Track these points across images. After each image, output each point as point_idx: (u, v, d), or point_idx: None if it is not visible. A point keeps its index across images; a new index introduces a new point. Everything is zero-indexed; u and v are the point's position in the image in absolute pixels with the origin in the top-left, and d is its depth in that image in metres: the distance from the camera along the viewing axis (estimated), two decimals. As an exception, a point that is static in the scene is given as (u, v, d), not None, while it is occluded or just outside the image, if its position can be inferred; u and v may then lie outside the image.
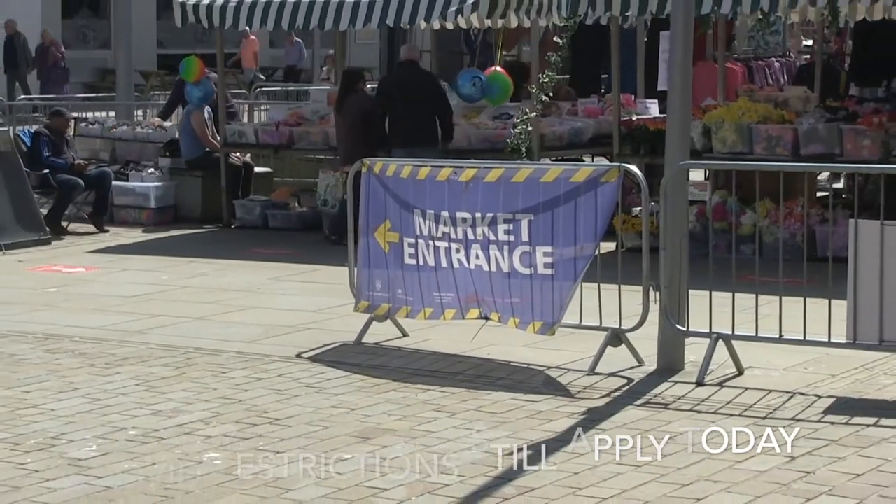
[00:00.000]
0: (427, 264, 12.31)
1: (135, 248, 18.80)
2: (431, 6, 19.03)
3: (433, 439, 9.74)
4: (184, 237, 19.74)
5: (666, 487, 8.57)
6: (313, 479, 8.94)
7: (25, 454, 9.42)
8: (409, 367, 11.86)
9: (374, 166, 13.05)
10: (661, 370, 11.45)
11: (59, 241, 19.05)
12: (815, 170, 15.41)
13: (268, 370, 11.86)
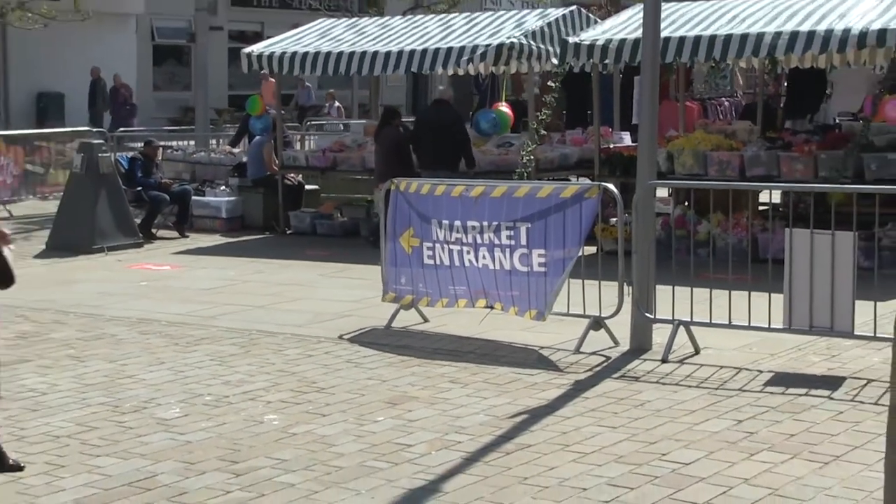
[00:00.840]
0: (443, 263, 12.31)
1: (209, 251, 18.79)
2: (448, 56, 19.02)
3: (448, 405, 9.74)
4: (248, 242, 19.72)
5: (637, 445, 8.62)
6: (352, 436, 8.93)
7: (123, 415, 9.50)
8: (429, 347, 11.85)
9: (400, 185, 13.05)
10: (633, 350, 11.46)
11: (149, 245, 19.06)
12: (757, 188, 15.37)
13: (315, 349, 11.85)
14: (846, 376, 10.44)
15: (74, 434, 9.01)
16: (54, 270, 16.82)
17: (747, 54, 17.05)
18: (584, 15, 20.45)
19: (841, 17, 15.94)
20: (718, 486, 7.70)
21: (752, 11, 17.25)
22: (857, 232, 10.96)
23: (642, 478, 7.88)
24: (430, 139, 18.51)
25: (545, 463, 8.22)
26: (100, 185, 18.80)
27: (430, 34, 20.12)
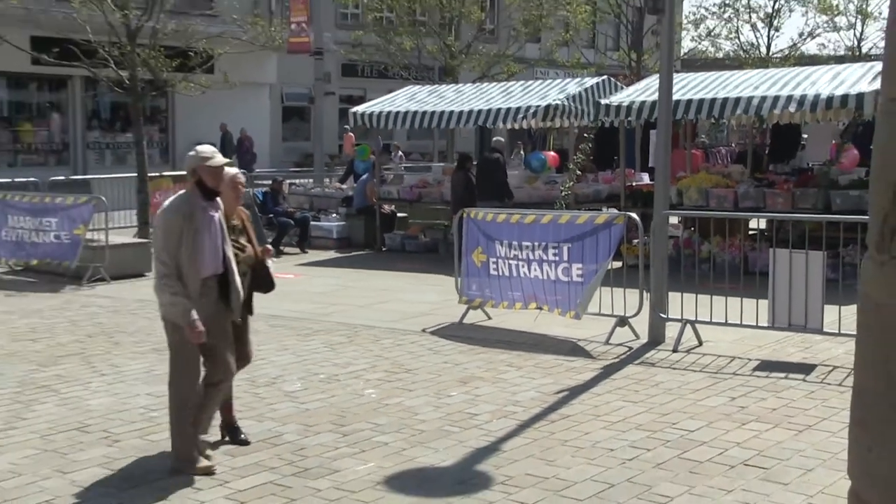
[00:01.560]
0: (504, 274, 12.30)
1: (323, 263, 18.85)
2: (507, 114, 19.00)
3: (506, 384, 9.73)
4: (353, 257, 19.76)
5: (652, 416, 8.61)
6: (432, 406, 8.95)
7: (258, 388, 9.59)
8: (491, 339, 11.81)
9: (471, 213, 13.07)
10: (650, 342, 11.38)
11: (277, 259, 19.11)
12: (747, 217, 15.21)
13: (404, 339, 11.86)
14: (817, 364, 10.36)
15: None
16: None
17: (739, 113, 17.02)
18: (613, 82, 20.40)
19: (812, 84, 15.95)
20: (716, 449, 7.72)
21: (743, 80, 17.28)
22: (825, 251, 10.98)
23: (657, 441, 7.91)
24: (485, 178, 18.56)
25: (581, 429, 8.24)
26: (241, 213, 18.94)
27: (493, 97, 20.16)
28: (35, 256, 16.89)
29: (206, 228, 6.79)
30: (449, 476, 7.22)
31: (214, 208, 6.91)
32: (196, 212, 6.74)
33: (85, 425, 8.43)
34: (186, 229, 6.64)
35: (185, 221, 6.65)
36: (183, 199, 6.86)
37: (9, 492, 6.93)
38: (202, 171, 6.83)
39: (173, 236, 6.65)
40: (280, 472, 7.25)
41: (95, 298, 14.85)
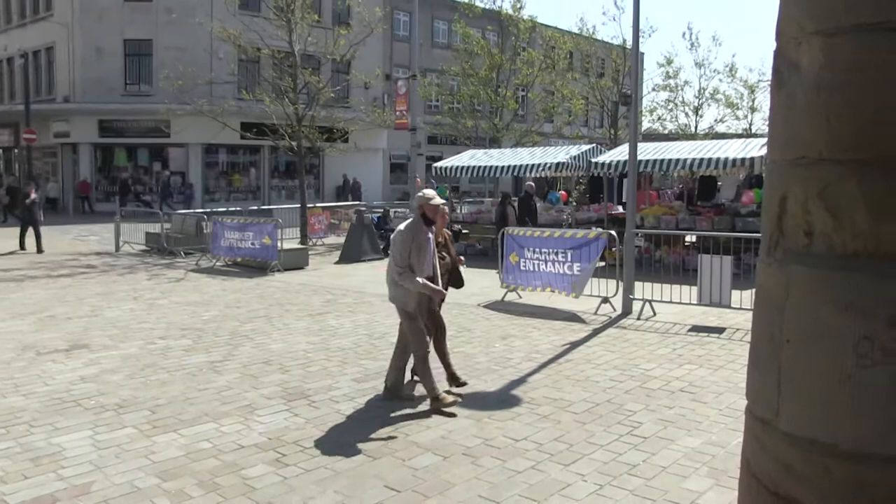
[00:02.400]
0: (529, 269, 12.19)
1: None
2: (533, 168, 18.97)
3: (531, 339, 9.64)
4: (436, 257, 19.72)
5: (624, 360, 8.50)
6: (482, 354, 8.89)
7: (373, 339, 9.51)
8: (521, 311, 11.72)
9: (508, 230, 12.98)
10: (622, 314, 11.22)
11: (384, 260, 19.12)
12: (684, 234, 15.01)
13: (465, 310, 11.80)
14: (727, 327, 10.18)
15: (349, 349, 9.13)
16: (342, 270, 17.02)
17: (679, 168, 16.94)
18: (599, 148, 20.24)
19: (723, 150, 15.96)
20: (663, 381, 7.62)
21: (680, 147, 17.28)
22: (732, 256, 10.89)
23: (626, 377, 7.81)
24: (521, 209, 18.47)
25: (578, 369, 8.15)
26: (363, 229, 19.04)
27: (524, 157, 20.07)
28: (239, 255, 17.13)
29: (425, 244, 6.89)
30: (493, 397, 7.20)
31: (430, 231, 6.99)
32: (419, 233, 6.84)
33: (268, 361, 8.51)
34: (413, 244, 6.75)
35: (413, 240, 6.78)
36: (412, 225, 6.89)
37: (226, 397, 7.06)
38: (426, 207, 6.92)
39: (406, 248, 6.74)
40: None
41: (274, 282, 15.00)
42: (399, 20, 45.93)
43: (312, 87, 20.92)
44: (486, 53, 32.01)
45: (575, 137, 38.21)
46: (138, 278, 15.44)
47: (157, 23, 35.02)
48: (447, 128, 35.53)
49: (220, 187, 37.19)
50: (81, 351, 8.98)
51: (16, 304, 12.34)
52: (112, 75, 35.48)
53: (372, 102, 29.56)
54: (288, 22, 20.22)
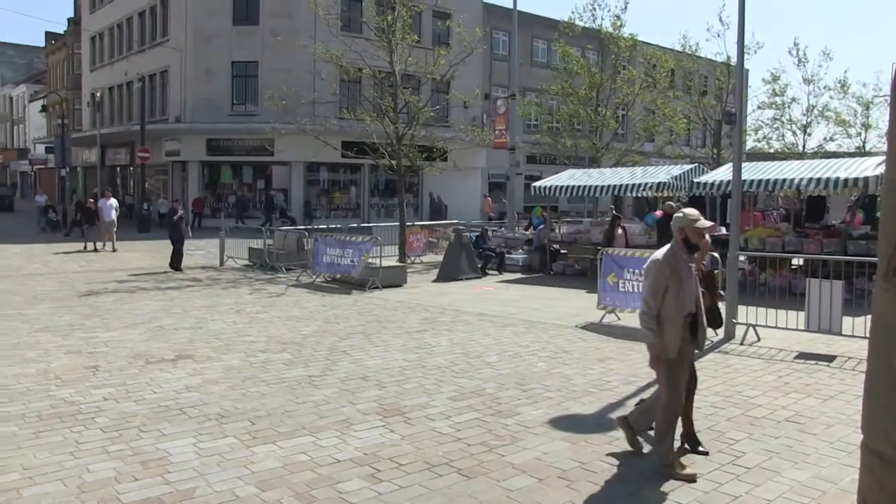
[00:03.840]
0: (628, 290, 12.00)
1: (512, 281, 18.76)
2: (633, 188, 18.70)
3: (630, 363, 9.50)
4: (531, 277, 19.62)
5: (725, 386, 8.29)
6: (581, 376, 8.78)
7: (470, 359, 9.53)
8: (620, 333, 11.52)
9: (607, 251, 12.82)
10: (725, 338, 10.87)
11: (483, 278, 19.17)
12: (791, 257, 14.49)
13: (563, 331, 11.69)
14: (837, 355, 9.75)
15: (445, 367, 9.16)
16: (440, 289, 17.10)
17: (785, 188, 16.47)
18: (701, 168, 19.80)
19: (833, 170, 15.35)
20: (768, 409, 7.36)
21: (787, 167, 16.74)
22: (843, 280, 10.50)
23: (728, 403, 7.58)
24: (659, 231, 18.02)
25: (678, 393, 7.97)
26: (461, 248, 19.13)
27: (624, 177, 19.79)
28: (339, 272, 17.43)
29: (688, 276, 5.72)
30: (590, 420, 7.09)
31: (692, 259, 5.84)
32: (680, 263, 5.72)
33: (365, 376, 8.61)
34: (672, 278, 5.63)
35: (672, 271, 5.66)
36: (670, 253, 5.77)
37: (323, 411, 7.18)
38: (688, 231, 5.77)
39: (661, 283, 5.64)
40: (483, 412, 7.25)
41: (372, 299, 15.20)
42: (498, 40, 46.16)
43: (412, 107, 21.21)
44: (585, 72, 31.78)
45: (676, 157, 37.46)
46: (241, 292, 15.92)
47: (263, 45, 36.26)
48: (546, 147, 35.41)
49: (321, 205, 38.05)
50: (187, 361, 9.31)
51: (128, 314, 12.90)
52: (220, 96, 36.90)
53: (471, 122, 29.78)
54: (389, 43, 20.59)
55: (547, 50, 47.08)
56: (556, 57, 36.81)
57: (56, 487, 5.35)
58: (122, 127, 42.61)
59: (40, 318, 12.50)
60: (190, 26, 37.23)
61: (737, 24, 11.44)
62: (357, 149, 22.28)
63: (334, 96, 30.54)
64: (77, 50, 53.79)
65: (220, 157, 37.03)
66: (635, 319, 12.19)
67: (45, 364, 9.08)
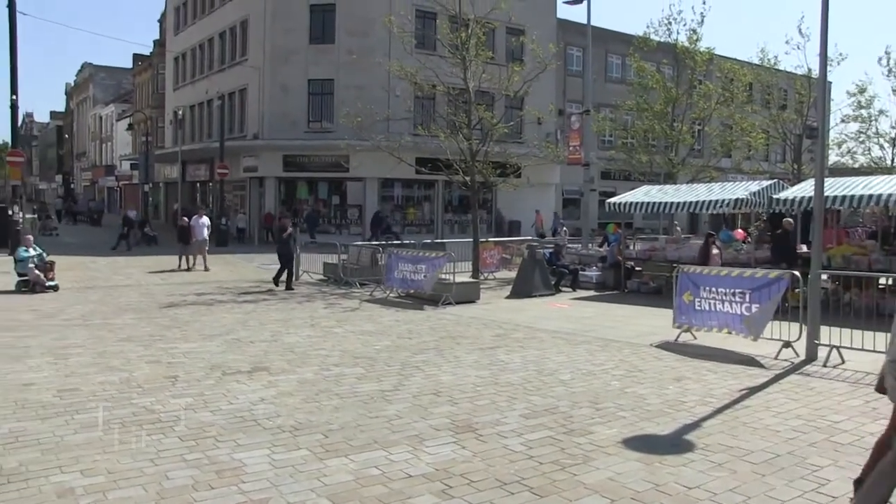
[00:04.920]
0: (704, 309, 11.73)
1: (586, 298, 18.55)
2: (710, 205, 18.35)
3: (706, 383, 9.27)
4: (606, 295, 19.36)
5: (808, 410, 8.01)
6: (655, 396, 8.63)
7: (543, 376, 9.44)
8: (695, 353, 11.27)
9: (682, 269, 12.59)
10: (806, 360, 10.53)
11: (557, 295, 19.01)
12: (877, 276, 13.95)
13: (637, 350, 11.50)
14: (930, 379, 9.37)
15: (518, 384, 9.10)
16: (513, 305, 17.04)
17: (871, 204, 15.88)
18: (781, 184, 19.27)
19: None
20: (854, 435, 7.09)
21: (873, 182, 16.06)
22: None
23: (811, 427, 7.33)
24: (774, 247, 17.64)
25: (757, 416, 7.74)
26: (535, 265, 19.03)
27: (700, 193, 19.44)
28: (412, 288, 17.53)
29: None
30: (665, 441, 6.95)
31: None
32: None
33: (438, 392, 8.62)
34: None
35: None
36: None
37: (396, 425, 7.20)
38: None
39: None
40: (555, 430, 7.18)
41: (445, 315, 15.23)
42: (572, 55, 45.98)
43: (486, 123, 21.27)
44: (661, 87, 31.40)
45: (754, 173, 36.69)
46: (315, 306, 16.15)
47: (339, 63, 36.89)
48: (621, 163, 35.07)
49: (395, 220, 38.41)
50: (262, 373, 9.48)
51: (206, 326, 13.23)
52: (296, 113, 37.67)
53: (545, 138, 29.66)
54: (463, 60, 20.71)
55: (621, 65, 46.72)
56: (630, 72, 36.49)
57: (137, 492, 5.51)
58: (202, 144, 43.86)
59: (124, 328, 12.93)
60: (268, 46, 38.16)
61: (819, 34, 11.15)
62: (431, 165, 22.44)
63: (408, 113, 30.86)
64: (161, 70, 55.68)
65: (296, 172, 37.74)
66: (712, 338, 12.04)
67: (128, 373, 9.37)
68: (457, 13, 21.12)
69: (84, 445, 6.52)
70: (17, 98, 28.59)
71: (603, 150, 40.90)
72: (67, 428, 7.01)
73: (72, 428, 7.00)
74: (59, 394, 8.31)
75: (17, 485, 5.66)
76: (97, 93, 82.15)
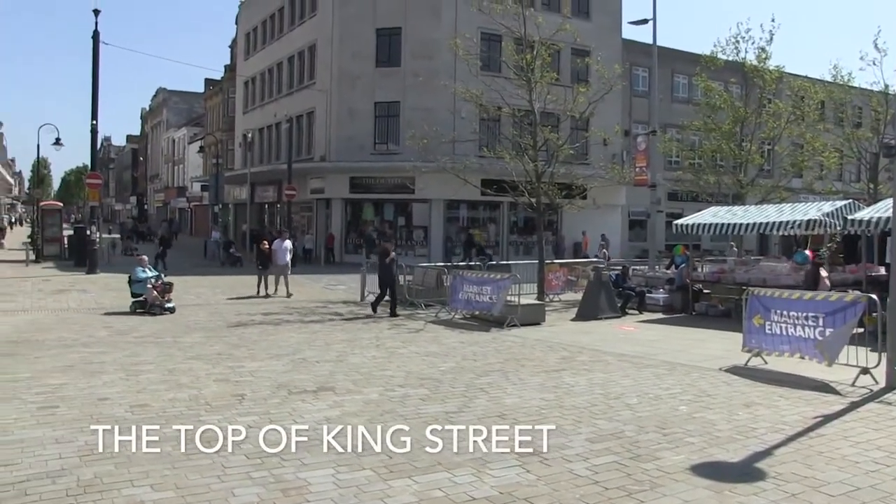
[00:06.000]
0: (776, 333, 11.43)
1: (652, 321, 18.26)
2: (780, 226, 17.93)
3: (777, 409, 9.05)
4: (673, 318, 19.03)
5: (890, 441, 7.78)
6: (725, 422, 8.43)
7: (609, 399, 9.30)
8: (766, 378, 10.97)
9: (752, 291, 12.28)
10: (886, 387, 10.11)
11: (623, 317, 18.74)
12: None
13: (706, 374, 11.27)
14: None
15: (583, 407, 8.99)
16: (579, 327, 16.88)
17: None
18: (856, 204, 18.74)
19: None
20: (937, 466, 6.79)
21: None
22: None
23: (895, 459, 7.04)
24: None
25: (833, 445, 7.48)
26: (601, 287, 18.85)
27: (770, 214, 19.04)
28: (477, 309, 17.51)
29: None
30: (735, 469, 6.78)
31: None
32: None
33: (502, 414, 8.57)
34: None
35: None
36: None
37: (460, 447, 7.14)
38: None
39: None
40: (621, 455, 7.07)
41: (510, 337, 15.16)
42: (638, 76, 45.61)
43: (552, 145, 21.21)
44: (729, 106, 30.84)
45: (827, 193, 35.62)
46: (381, 327, 16.25)
47: (405, 86, 37.28)
48: (688, 184, 34.48)
49: (461, 242, 38.48)
50: (327, 393, 9.56)
51: (273, 345, 13.42)
52: (363, 135, 38.15)
53: (611, 159, 29.44)
54: (528, 81, 20.72)
55: (688, 85, 46.10)
56: (697, 92, 35.97)
57: (205, 510, 5.60)
58: (270, 166, 44.73)
59: (193, 346, 13.21)
60: (335, 69, 38.80)
61: (896, 53, 10.85)
62: (496, 186, 22.45)
63: (474, 135, 30.97)
64: (232, 94, 57.08)
65: (362, 194, 38.17)
66: (783, 363, 11.70)
67: (197, 390, 9.56)
68: (522, 35, 21.17)
69: (154, 460, 6.67)
70: (97, 123, 29.74)
71: (669, 170, 40.39)
72: (138, 443, 7.17)
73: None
74: (130, 409, 8.53)
75: (92, 496, 5.84)
76: (170, 117, 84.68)
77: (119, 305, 18.98)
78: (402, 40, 37.90)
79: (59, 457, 6.80)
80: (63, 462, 6.66)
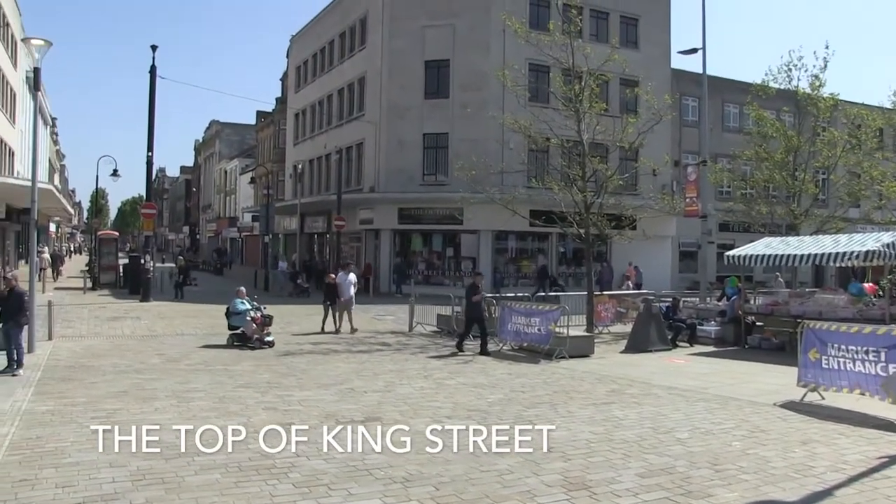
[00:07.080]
0: (833, 368, 11.12)
1: (704, 354, 17.95)
2: (836, 257, 17.55)
3: (837, 447, 8.78)
4: (725, 351, 18.69)
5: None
6: (780, 458, 8.17)
7: (658, 434, 9.12)
8: (824, 413, 10.69)
9: (808, 324, 11.99)
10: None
11: (673, 351, 18.47)
12: None
13: (760, 409, 11.02)
14: None
15: (633, 441, 8.84)
16: (628, 359, 16.68)
17: None
18: (918, 235, 18.33)
19: None
20: None
21: None
22: None
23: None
24: None
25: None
26: (651, 319, 18.64)
27: (826, 245, 18.66)
28: (525, 341, 17.40)
29: None
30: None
31: None
32: None
33: (550, 447, 8.44)
34: None
35: None
36: None
37: (507, 480, 7.07)
38: None
39: None
40: (672, 491, 6.92)
41: (559, 369, 15.02)
42: (688, 105, 45.27)
43: (601, 175, 21.11)
44: (781, 135, 30.42)
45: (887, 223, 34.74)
46: (429, 358, 16.22)
47: (453, 117, 37.53)
48: (740, 214, 34.02)
49: (509, 273, 38.35)
50: (375, 423, 9.53)
51: (321, 375, 13.48)
52: (412, 166, 38.42)
53: (661, 189, 29.22)
54: (576, 112, 20.71)
55: (739, 114, 45.59)
56: (748, 121, 35.55)
57: (252, 540, 5.60)
58: (320, 196, 45.25)
59: (243, 374, 13.33)
60: (384, 101, 39.25)
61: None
62: (545, 217, 22.38)
63: (522, 165, 30.96)
64: (282, 126, 58.04)
65: (411, 225, 38.36)
66: (841, 399, 11.39)
67: (246, 418, 9.62)
68: (570, 66, 21.19)
69: (203, 487, 6.72)
70: (153, 154, 30.45)
71: (721, 200, 39.85)
72: (188, 469, 7.25)
73: (192, 469, 7.23)
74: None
75: (140, 525, 5.87)
76: (223, 148, 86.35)
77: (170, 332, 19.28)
78: (451, 72, 38.21)
79: (113, 480, 6.92)
80: (116, 486, 6.76)
